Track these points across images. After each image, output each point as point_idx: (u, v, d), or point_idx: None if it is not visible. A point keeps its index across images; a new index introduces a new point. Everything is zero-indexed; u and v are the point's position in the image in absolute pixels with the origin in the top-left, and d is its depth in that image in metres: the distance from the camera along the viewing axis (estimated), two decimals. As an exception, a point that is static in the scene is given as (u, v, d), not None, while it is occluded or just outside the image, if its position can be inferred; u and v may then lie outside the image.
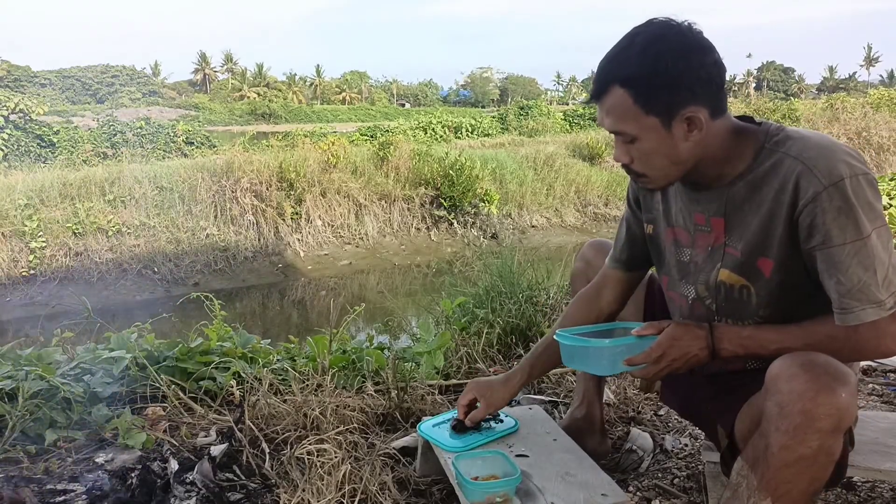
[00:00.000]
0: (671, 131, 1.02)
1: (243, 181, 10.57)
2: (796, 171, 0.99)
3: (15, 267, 8.97)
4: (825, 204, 0.96)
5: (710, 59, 1.01)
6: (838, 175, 0.96)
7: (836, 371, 0.91)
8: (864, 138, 16.34)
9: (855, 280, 0.96)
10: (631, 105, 1.01)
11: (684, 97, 1.00)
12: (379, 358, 2.05)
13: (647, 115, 1.01)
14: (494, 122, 20.58)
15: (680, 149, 1.03)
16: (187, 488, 1.45)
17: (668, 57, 0.98)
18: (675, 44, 0.99)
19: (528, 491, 1.24)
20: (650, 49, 0.99)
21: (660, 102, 1.00)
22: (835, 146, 1.00)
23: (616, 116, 1.03)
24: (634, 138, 1.04)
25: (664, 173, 1.07)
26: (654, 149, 1.04)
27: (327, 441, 1.46)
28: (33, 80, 46.78)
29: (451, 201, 11.57)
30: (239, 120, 43.18)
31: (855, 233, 0.96)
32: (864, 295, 0.96)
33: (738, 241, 1.09)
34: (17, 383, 1.75)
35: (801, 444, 0.90)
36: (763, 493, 0.95)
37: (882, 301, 0.96)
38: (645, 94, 1.00)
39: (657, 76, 0.99)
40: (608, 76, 1.03)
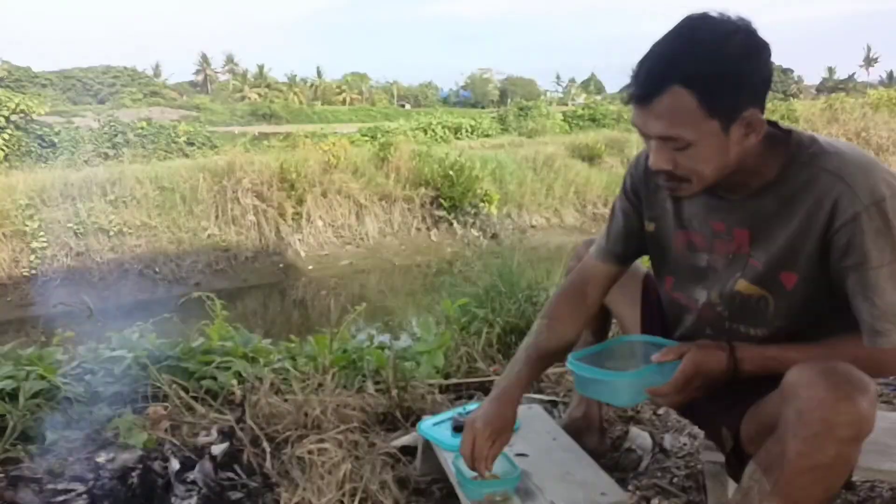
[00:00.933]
0: (729, 135, 0.95)
1: (244, 181, 10.57)
2: (836, 189, 0.96)
3: (16, 267, 8.98)
4: (864, 224, 0.94)
5: (767, 57, 0.96)
6: (880, 195, 0.93)
7: (857, 380, 0.90)
8: (863, 139, 16.31)
9: (889, 303, 0.95)
10: (694, 108, 0.92)
11: (748, 99, 0.94)
12: (379, 357, 2.05)
13: (710, 118, 0.93)
14: (494, 122, 20.56)
15: (731, 154, 0.97)
16: (188, 487, 1.46)
17: (738, 57, 0.92)
18: (742, 41, 0.92)
19: (528, 490, 1.24)
20: (719, 47, 0.92)
21: (725, 105, 0.93)
22: (874, 164, 0.97)
23: (672, 120, 0.94)
24: (689, 144, 0.95)
25: (707, 181, 1.00)
26: (708, 155, 0.96)
27: (328, 440, 1.47)
28: (34, 80, 46.77)
29: (451, 202, 11.57)
30: (240, 121, 43.18)
31: (893, 255, 0.94)
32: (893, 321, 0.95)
33: (762, 254, 1.05)
34: (18, 383, 1.75)
35: (819, 452, 0.89)
36: (776, 499, 0.93)
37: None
38: (711, 95, 0.92)
39: (726, 77, 0.92)
40: (667, 75, 0.92)
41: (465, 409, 1.53)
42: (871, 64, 70.57)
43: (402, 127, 18.59)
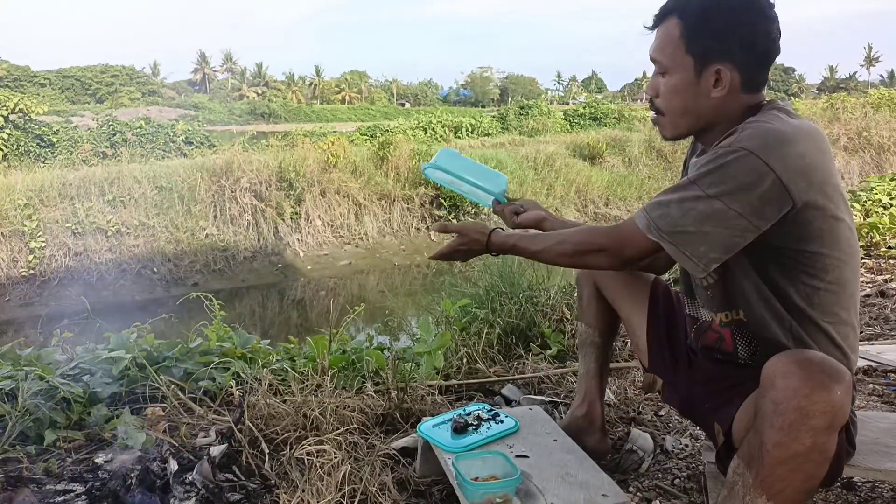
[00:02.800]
0: (699, 79, 1.07)
1: (243, 181, 10.56)
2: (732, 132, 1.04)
3: (14, 267, 8.97)
4: (715, 152, 1.02)
5: (764, 29, 1.05)
6: (744, 143, 0.99)
7: (832, 369, 0.91)
8: (864, 138, 16.33)
9: (665, 199, 1.04)
10: (676, 38, 1.07)
11: (722, 51, 1.05)
12: (379, 358, 2.04)
13: (685, 53, 1.06)
14: (494, 121, 20.55)
15: (699, 100, 1.08)
16: (187, 489, 1.45)
17: (728, 8, 1.04)
18: (746, 4, 1.04)
19: (529, 491, 1.24)
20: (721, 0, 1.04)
21: (699, 46, 1.05)
22: (779, 135, 0.99)
23: (660, 44, 1.10)
24: (665, 71, 1.09)
25: (678, 120, 1.12)
26: (678, 88, 1.08)
27: (327, 441, 1.46)
28: (33, 79, 46.74)
29: (451, 201, 11.57)
30: (238, 119, 43.16)
31: (702, 177, 1.01)
32: (659, 213, 1.04)
33: None
34: (16, 383, 1.75)
35: (795, 441, 0.90)
36: (758, 491, 0.95)
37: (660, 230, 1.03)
38: (691, 31, 1.05)
39: (708, 20, 1.04)
40: (671, 5, 1.09)
41: (465, 410, 1.53)
42: (872, 63, 70.62)
43: (402, 126, 18.58)
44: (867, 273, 3.57)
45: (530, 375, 2.15)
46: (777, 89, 63.13)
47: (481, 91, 64.44)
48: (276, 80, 60.23)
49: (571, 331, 2.45)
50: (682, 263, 1.05)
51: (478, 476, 1.26)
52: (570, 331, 2.46)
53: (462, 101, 60.10)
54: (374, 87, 63.86)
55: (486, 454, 1.32)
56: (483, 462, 1.29)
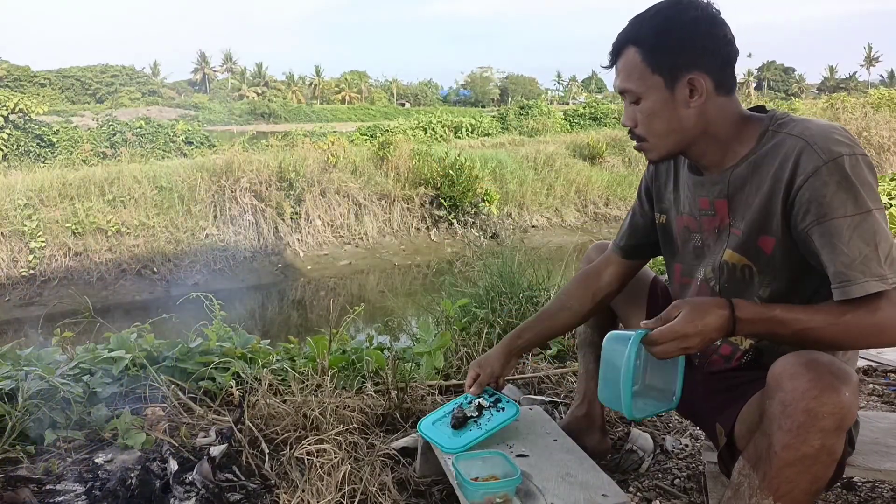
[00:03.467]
0: (674, 95, 1.06)
1: (243, 181, 10.56)
2: (797, 148, 1.01)
3: (14, 267, 8.97)
4: (825, 178, 0.97)
5: (720, 33, 1.05)
6: (838, 152, 0.97)
7: (839, 370, 0.91)
8: (864, 138, 16.31)
9: (856, 252, 0.95)
10: (639, 63, 1.06)
11: (688, 61, 1.04)
12: (379, 358, 2.04)
13: (652, 73, 1.06)
14: (494, 121, 20.55)
15: (681, 114, 1.07)
16: (187, 489, 1.45)
17: (679, 21, 1.05)
18: (688, 12, 1.05)
19: (529, 491, 1.24)
20: (663, 13, 1.06)
21: (665, 62, 1.05)
22: (836, 129, 1.02)
23: (625, 74, 1.09)
24: (639, 98, 1.08)
25: (663, 141, 1.10)
26: (655, 110, 1.07)
27: (327, 441, 1.46)
28: (33, 79, 46.72)
29: (451, 201, 11.57)
30: (238, 119, 43.15)
31: (855, 207, 0.96)
32: (867, 268, 0.95)
33: (740, 222, 1.10)
34: (16, 383, 1.75)
35: (804, 443, 0.90)
36: (765, 493, 0.94)
37: (885, 276, 0.95)
38: (652, 52, 1.05)
39: (666, 37, 1.05)
40: (624, 37, 1.09)
41: (467, 399, 1.51)
42: (872, 63, 70.61)
43: (402, 126, 18.58)
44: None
45: (530, 375, 2.15)
46: (777, 89, 63.11)
47: (481, 91, 64.42)
48: (276, 80, 60.22)
49: (573, 331, 2.45)
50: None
51: (478, 476, 1.25)
52: (572, 331, 2.46)
53: (462, 101, 60.08)
54: (374, 87, 63.85)
55: (486, 454, 1.32)
56: (483, 462, 1.29)
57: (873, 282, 0.94)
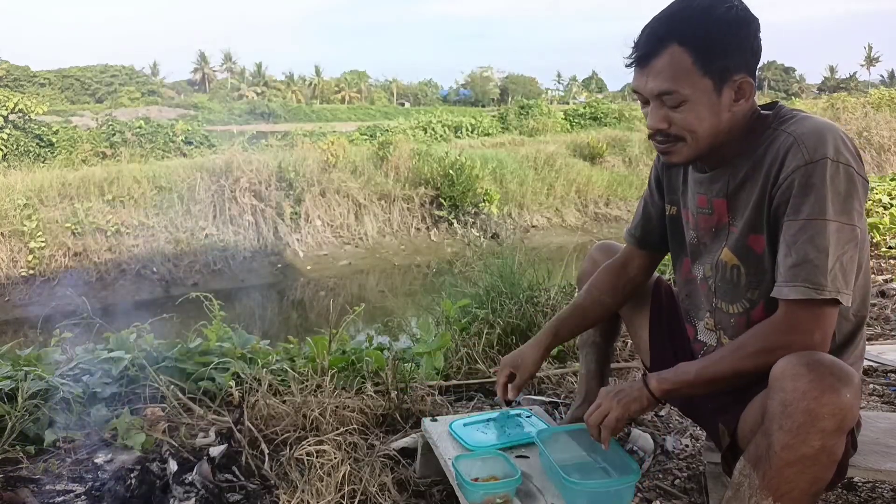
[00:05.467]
0: (720, 97, 1.03)
1: (242, 181, 10.55)
2: (787, 145, 1.01)
3: (14, 267, 8.96)
4: (801, 177, 0.97)
5: (757, 30, 1.03)
6: (822, 154, 0.97)
7: (841, 371, 0.91)
8: (864, 138, 16.30)
9: (803, 256, 0.97)
10: (689, 65, 1.00)
11: (738, 64, 1.02)
12: (378, 358, 2.04)
13: (703, 76, 1.01)
14: (495, 121, 20.53)
15: (722, 117, 1.04)
16: (186, 489, 1.45)
17: (727, 20, 1.01)
18: (734, 11, 1.01)
19: (529, 492, 1.24)
20: (713, 12, 1.00)
21: (717, 65, 1.01)
22: (830, 131, 1.00)
23: (669, 76, 1.02)
24: (684, 101, 1.02)
25: (702, 143, 1.06)
26: (701, 113, 1.03)
27: (327, 442, 1.46)
28: (32, 79, 46.71)
29: (451, 201, 11.56)
30: (238, 119, 43.12)
31: (817, 211, 0.96)
32: (808, 274, 0.96)
33: (738, 220, 1.11)
34: (16, 383, 1.75)
35: (804, 444, 0.90)
36: (765, 493, 0.94)
37: (823, 286, 0.95)
38: (704, 54, 1.00)
39: (719, 38, 1.00)
40: (665, 35, 1.02)
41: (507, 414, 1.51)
42: (872, 63, 70.61)
43: (402, 125, 18.57)
44: (867, 273, 3.57)
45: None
46: (777, 89, 63.11)
47: (481, 91, 64.40)
48: (275, 80, 60.24)
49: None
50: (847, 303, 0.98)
51: (478, 476, 1.25)
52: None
53: (462, 101, 60.04)
54: (374, 87, 63.85)
55: (487, 454, 1.32)
56: (483, 462, 1.29)
57: (807, 288, 0.96)
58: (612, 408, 1.11)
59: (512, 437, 1.42)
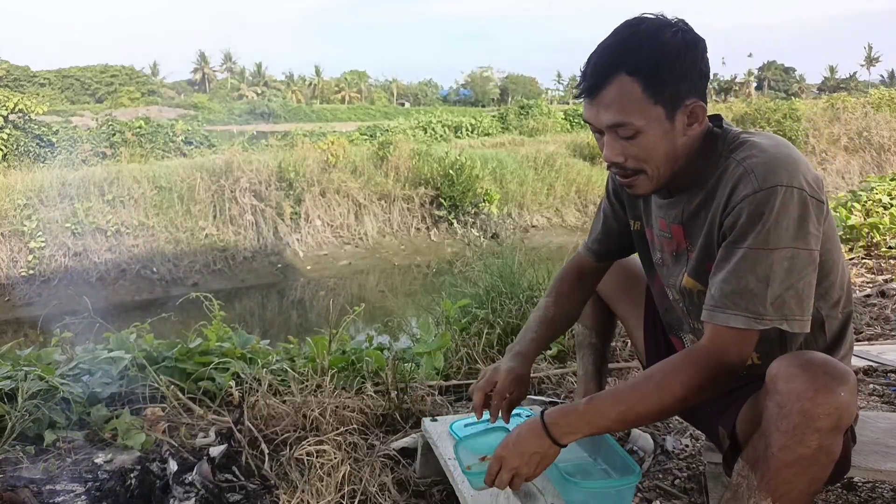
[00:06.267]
0: (674, 124, 1.00)
1: (242, 181, 10.56)
2: (737, 175, 0.99)
3: (14, 267, 8.96)
4: (750, 206, 0.95)
5: (703, 52, 1.01)
6: (773, 182, 0.94)
7: (835, 370, 0.91)
8: (864, 138, 16.32)
9: (742, 285, 0.95)
10: (639, 94, 0.97)
11: (689, 88, 0.99)
12: (378, 358, 2.04)
13: (654, 104, 0.98)
14: (495, 121, 20.54)
15: (677, 143, 1.02)
16: (186, 489, 1.45)
17: (677, 46, 0.98)
18: (679, 35, 0.99)
19: (529, 491, 1.24)
20: (659, 38, 0.98)
21: (668, 92, 0.98)
22: (784, 155, 0.97)
23: (620, 107, 0.98)
24: (638, 131, 0.99)
25: (658, 172, 1.04)
26: (655, 142, 1.00)
27: (327, 442, 1.46)
28: (32, 79, 46.75)
29: (451, 201, 11.56)
30: (238, 119, 43.14)
31: (761, 241, 0.94)
32: (745, 302, 0.95)
33: (694, 247, 1.10)
34: (16, 383, 1.75)
35: (801, 444, 0.90)
36: (763, 494, 0.95)
37: (762, 315, 0.94)
38: (654, 82, 0.97)
39: (667, 65, 0.97)
40: (613, 66, 0.98)
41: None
42: (872, 63, 70.64)
43: (402, 125, 18.58)
44: (867, 273, 3.57)
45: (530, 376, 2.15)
46: (777, 89, 63.14)
47: (481, 91, 64.42)
48: (275, 80, 60.31)
49: (572, 331, 2.44)
50: (800, 329, 0.96)
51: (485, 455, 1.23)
52: (571, 331, 2.45)
53: (462, 101, 60.06)
54: (374, 87, 63.87)
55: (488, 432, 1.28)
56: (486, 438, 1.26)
57: (743, 317, 0.95)
58: (520, 467, 1.03)
59: None
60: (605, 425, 1.02)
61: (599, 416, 1.01)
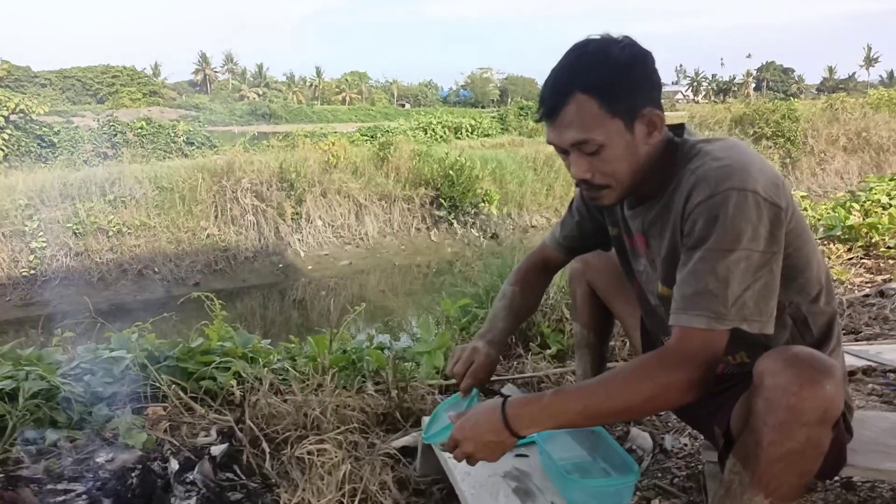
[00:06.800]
0: (634, 134, 1.03)
1: (244, 181, 10.57)
2: (691, 184, 1.00)
3: (15, 267, 8.97)
4: (704, 210, 0.96)
5: (652, 64, 1.04)
6: (726, 186, 0.95)
7: (820, 364, 0.92)
8: (863, 138, 16.31)
9: (702, 286, 0.96)
10: (597, 110, 1.01)
11: (643, 99, 1.03)
12: (379, 358, 2.05)
13: (612, 118, 1.01)
14: (494, 122, 20.56)
15: (640, 153, 1.04)
16: (187, 488, 1.45)
17: (626, 60, 1.01)
18: (626, 50, 1.02)
19: (528, 490, 1.24)
20: (608, 54, 1.02)
21: (623, 104, 1.02)
22: (737, 163, 0.98)
23: (581, 125, 1.02)
24: (601, 146, 1.02)
25: (624, 184, 1.06)
26: (619, 154, 1.03)
27: (327, 441, 1.46)
28: (34, 80, 46.81)
29: (451, 201, 11.57)
30: (239, 120, 43.20)
31: (718, 243, 0.95)
32: (707, 303, 0.95)
33: (658, 258, 1.12)
34: (17, 383, 1.75)
35: (789, 439, 0.91)
36: (756, 489, 0.96)
37: (724, 315, 0.95)
38: (609, 96, 1.01)
39: (619, 78, 1.01)
40: (567, 86, 1.02)
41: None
42: (871, 64, 70.62)
43: (402, 126, 18.60)
44: (866, 273, 3.57)
45: (530, 375, 2.16)
46: (776, 90, 63.12)
47: (481, 92, 64.43)
48: (276, 81, 60.37)
49: (571, 330, 2.45)
50: (759, 330, 0.97)
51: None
52: (570, 330, 2.46)
53: (462, 102, 60.07)
54: (375, 88, 63.90)
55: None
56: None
57: (705, 317, 0.95)
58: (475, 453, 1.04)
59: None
60: (568, 420, 1.01)
61: (563, 411, 1.00)
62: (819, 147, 15.79)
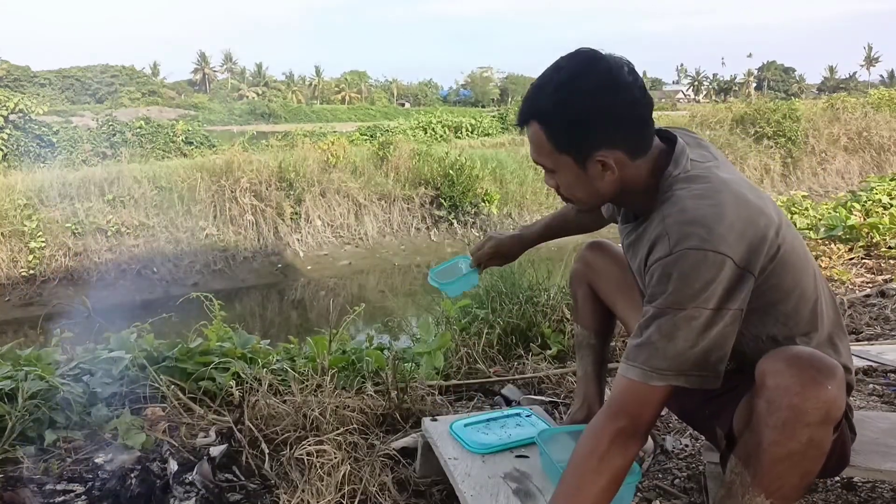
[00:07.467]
0: (586, 171, 1.03)
1: (243, 181, 10.56)
2: (656, 234, 0.99)
3: (14, 267, 8.96)
4: (659, 269, 0.96)
5: (625, 99, 0.98)
6: (683, 246, 0.94)
7: (822, 364, 0.92)
8: (864, 138, 16.31)
9: (646, 339, 0.96)
10: (545, 142, 1.03)
11: (596, 139, 1.00)
12: (379, 358, 2.04)
13: (559, 153, 1.03)
14: (495, 121, 20.53)
15: (597, 186, 1.05)
16: (186, 489, 1.45)
17: (580, 97, 0.98)
18: (590, 83, 0.98)
19: (528, 491, 1.24)
20: (564, 87, 0.99)
21: (571, 142, 1.01)
22: (703, 217, 0.94)
23: (535, 149, 1.06)
24: (553, 171, 1.07)
25: (589, 202, 1.11)
26: (570, 183, 1.07)
27: (327, 442, 1.46)
28: (33, 79, 46.81)
29: (451, 201, 11.57)
30: (238, 120, 43.18)
31: (668, 302, 0.94)
32: (645, 356, 0.95)
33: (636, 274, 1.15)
34: (16, 383, 1.75)
35: (791, 439, 0.91)
36: (757, 490, 0.95)
37: (661, 370, 0.94)
38: (556, 132, 1.01)
39: (567, 116, 1.00)
40: (527, 111, 1.04)
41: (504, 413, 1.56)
42: (872, 63, 70.67)
43: (402, 126, 18.58)
44: (867, 273, 3.57)
45: (530, 375, 2.15)
46: (777, 89, 63.18)
47: (481, 91, 64.43)
48: (275, 81, 60.36)
49: (571, 331, 2.45)
50: (700, 386, 0.96)
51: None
52: (571, 331, 2.46)
53: (462, 102, 60.07)
54: (374, 88, 63.89)
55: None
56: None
57: (641, 370, 0.95)
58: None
59: (512, 438, 1.43)
60: None
61: None
62: (820, 147, 15.79)
